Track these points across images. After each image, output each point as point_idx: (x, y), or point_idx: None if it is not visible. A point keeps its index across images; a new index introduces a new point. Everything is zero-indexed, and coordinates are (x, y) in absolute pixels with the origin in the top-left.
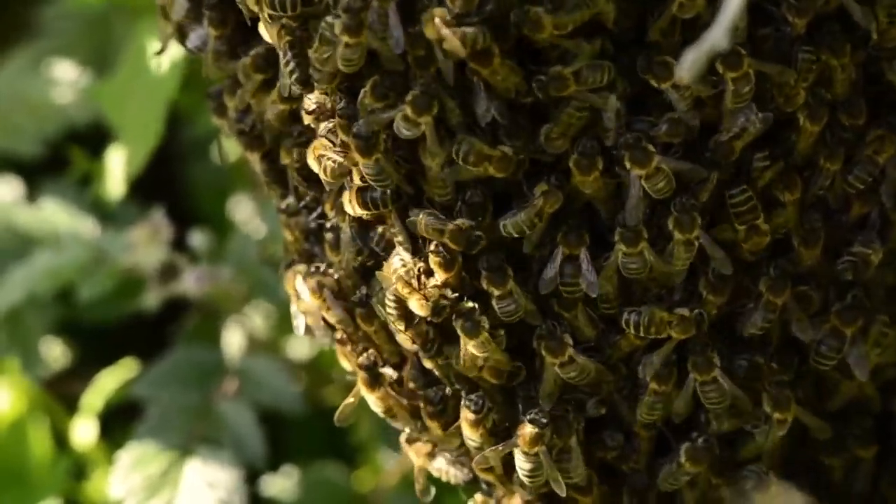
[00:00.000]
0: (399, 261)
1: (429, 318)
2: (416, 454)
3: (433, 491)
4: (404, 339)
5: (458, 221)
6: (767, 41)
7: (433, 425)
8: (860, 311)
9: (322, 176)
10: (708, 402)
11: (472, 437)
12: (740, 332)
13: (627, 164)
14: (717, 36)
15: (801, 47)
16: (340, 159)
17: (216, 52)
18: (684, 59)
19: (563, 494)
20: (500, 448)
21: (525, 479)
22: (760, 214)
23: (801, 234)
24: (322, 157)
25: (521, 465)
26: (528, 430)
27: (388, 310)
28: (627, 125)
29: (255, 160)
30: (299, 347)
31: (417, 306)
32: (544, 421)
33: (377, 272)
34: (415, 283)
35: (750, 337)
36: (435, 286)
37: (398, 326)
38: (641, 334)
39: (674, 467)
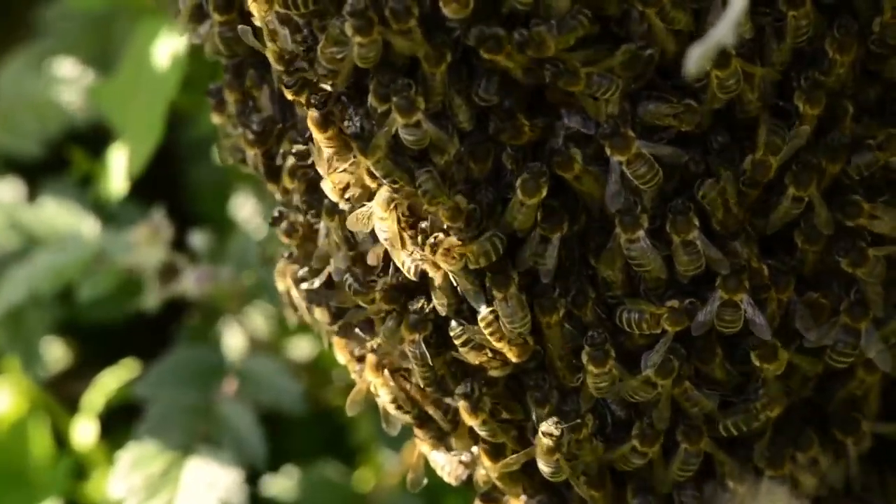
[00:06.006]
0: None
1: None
2: (421, 439)
3: (424, 482)
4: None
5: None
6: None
7: (439, 418)
8: (867, 306)
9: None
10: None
11: (473, 424)
12: None
13: (608, 151)
14: (724, 32)
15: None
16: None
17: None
18: (690, 54)
19: (584, 495)
20: (522, 456)
21: (547, 478)
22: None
23: (805, 231)
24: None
25: (543, 467)
26: (544, 442)
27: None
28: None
29: (254, 155)
30: (300, 348)
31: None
32: (557, 433)
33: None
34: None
35: None
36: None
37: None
38: (637, 331)
39: (680, 454)
